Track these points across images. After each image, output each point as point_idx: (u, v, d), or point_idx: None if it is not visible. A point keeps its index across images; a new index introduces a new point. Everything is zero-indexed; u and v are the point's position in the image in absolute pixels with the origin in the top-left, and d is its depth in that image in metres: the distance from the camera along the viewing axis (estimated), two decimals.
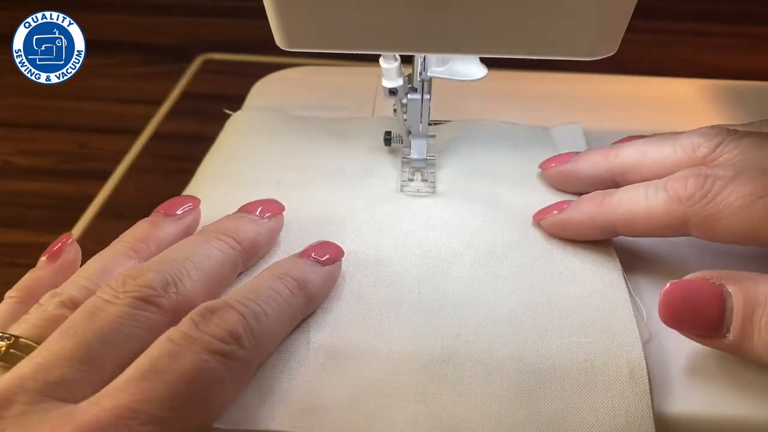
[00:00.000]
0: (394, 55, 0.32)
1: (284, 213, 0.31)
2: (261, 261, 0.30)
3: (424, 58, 0.33)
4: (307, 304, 0.27)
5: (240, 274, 0.29)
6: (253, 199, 0.31)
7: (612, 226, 0.29)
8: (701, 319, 0.25)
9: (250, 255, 0.29)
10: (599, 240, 0.30)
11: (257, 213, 0.30)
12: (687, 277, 0.25)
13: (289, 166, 0.36)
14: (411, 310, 0.27)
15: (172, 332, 0.23)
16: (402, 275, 0.29)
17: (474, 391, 0.24)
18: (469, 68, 0.32)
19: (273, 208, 0.31)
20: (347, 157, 0.37)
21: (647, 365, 0.25)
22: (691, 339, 0.25)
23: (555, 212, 0.31)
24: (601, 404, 0.24)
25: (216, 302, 0.24)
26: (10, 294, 0.27)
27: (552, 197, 0.33)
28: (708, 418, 0.25)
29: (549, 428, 0.24)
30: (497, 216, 0.32)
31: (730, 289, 0.24)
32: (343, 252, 0.29)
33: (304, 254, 0.28)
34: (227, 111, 0.41)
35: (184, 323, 0.23)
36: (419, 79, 0.33)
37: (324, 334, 0.26)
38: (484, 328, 0.27)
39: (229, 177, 0.36)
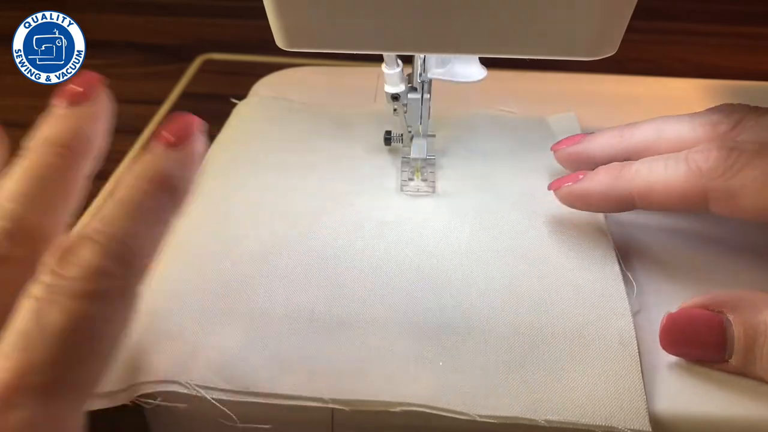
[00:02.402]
0: (396, 61, 0.32)
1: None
2: None
3: (424, 60, 0.33)
4: (174, 201, 0.23)
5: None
6: (259, 180, 0.31)
7: (629, 198, 0.28)
8: (703, 348, 0.25)
9: (84, 151, 0.24)
10: (593, 221, 0.31)
11: (64, 101, 0.25)
12: (685, 304, 0.25)
13: (293, 150, 0.37)
14: (411, 283, 0.29)
15: (32, 287, 0.20)
16: (403, 251, 0.30)
17: (470, 357, 0.26)
18: (469, 70, 0.33)
19: (86, 85, 0.25)
20: (349, 146, 0.38)
21: (636, 334, 0.27)
22: (694, 363, 0.25)
23: (570, 183, 0.30)
24: (593, 367, 0.25)
25: (71, 238, 0.21)
26: None
27: None
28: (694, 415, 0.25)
29: (542, 389, 0.25)
30: (498, 203, 0.33)
31: (730, 317, 0.24)
32: (199, 121, 0.24)
33: (157, 138, 0.24)
34: (234, 100, 0.42)
35: (43, 272, 0.20)
36: (419, 80, 0.33)
37: (328, 304, 0.28)
38: (481, 298, 0.28)
39: (235, 158, 0.37)
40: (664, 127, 0.31)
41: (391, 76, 0.32)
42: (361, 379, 0.25)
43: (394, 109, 0.35)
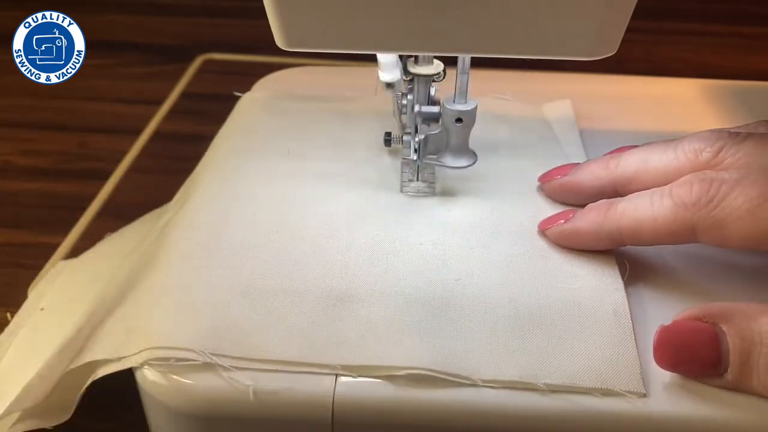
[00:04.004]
0: None
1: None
2: None
3: (420, 146, 0.34)
4: None
5: None
6: (263, 170, 0.32)
7: (618, 236, 0.29)
8: (698, 362, 0.25)
9: None
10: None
11: None
12: (678, 317, 0.25)
13: (297, 142, 0.38)
14: (414, 260, 0.30)
15: None
16: (405, 234, 0.31)
17: (472, 327, 0.27)
18: (458, 159, 0.34)
19: None
20: (349, 150, 0.38)
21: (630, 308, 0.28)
22: (689, 378, 0.25)
23: (561, 221, 0.31)
24: (589, 336, 0.27)
25: None
26: None
27: None
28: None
29: (541, 356, 0.26)
30: (498, 196, 0.34)
31: (724, 328, 0.24)
32: None
33: None
34: (237, 93, 0.42)
35: None
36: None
37: (335, 279, 0.29)
38: (482, 273, 0.29)
39: (241, 149, 0.37)
40: (648, 157, 0.31)
41: (385, 63, 0.32)
42: (368, 348, 0.26)
43: (394, 112, 0.35)
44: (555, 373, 0.25)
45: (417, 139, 0.34)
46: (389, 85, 0.32)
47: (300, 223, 0.32)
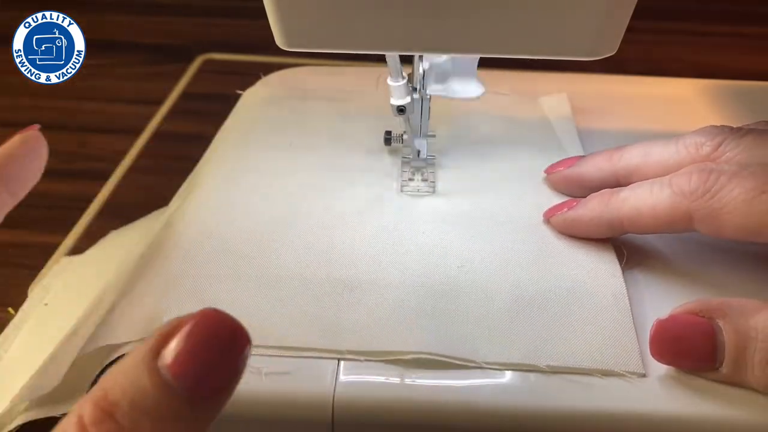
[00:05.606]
0: (402, 73, 0.32)
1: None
2: None
3: (424, 74, 0.33)
4: None
5: None
6: (267, 161, 0.33)
7: (619, 224, 0.30)
8: (693, 356, 0.25)
9: None
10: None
11: None
12: (675, 310, 0.26)
13: (299, 136, 0.39)
14: (418, 249, 0.31)
15: None
16: (408, 223, 0.32)
17: (475, 312, 0.28)
18: (467, 87, 0.33)
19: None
20: (349, 150, 0.38)
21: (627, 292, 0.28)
22: (684, 371, 0.26)
23: (565, 210, 0.31)
24: (589, 319, 0.27)
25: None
26: None
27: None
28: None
29: (543, 339, 0.27)
30: (497, 194, 0.35)
31: (721, 323, 0.25)
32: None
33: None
34: (239, 92, 0.42)
35: None
36: (418, 84, 0.33)
37: (342, 268, 0.30)
38: (484, 260, 0.30)
39: (245, 142, 0.38)
40: (651, 150, 0.32)
41: (396, 88, 0.32)
42: (373, 333, 0.27)
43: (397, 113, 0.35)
44: (557, 354, 0.26)
45: (421, 69, 0.33)
46: (401, 110, 0.32)
47: (304, 213, 0.32)
